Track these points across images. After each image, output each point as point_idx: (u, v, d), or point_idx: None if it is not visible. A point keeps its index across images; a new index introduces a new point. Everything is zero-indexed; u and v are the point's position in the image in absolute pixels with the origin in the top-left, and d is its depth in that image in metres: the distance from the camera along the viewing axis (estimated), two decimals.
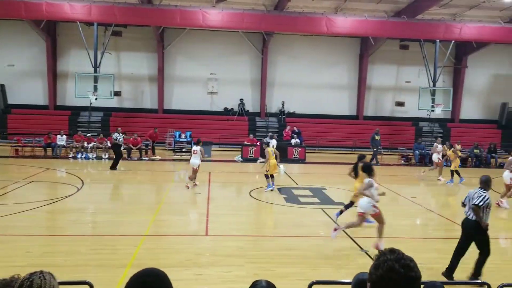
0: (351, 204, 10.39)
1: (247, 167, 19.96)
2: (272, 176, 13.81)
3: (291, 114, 26.57)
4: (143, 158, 20.86)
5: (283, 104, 26.14)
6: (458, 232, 10.25)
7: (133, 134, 21.34)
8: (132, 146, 20.96)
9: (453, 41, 23.77)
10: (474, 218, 6.91)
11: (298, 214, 11.32)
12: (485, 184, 7.11)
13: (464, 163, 22.24)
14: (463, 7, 21.12)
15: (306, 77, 26.64)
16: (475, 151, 22.21)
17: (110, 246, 8.15)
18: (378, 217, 8.24)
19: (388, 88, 27.49)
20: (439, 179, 17.59)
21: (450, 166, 18.07)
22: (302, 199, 12.96)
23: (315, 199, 13.02)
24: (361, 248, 8.33)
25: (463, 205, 7.21)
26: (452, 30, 20.18)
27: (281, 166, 20.36)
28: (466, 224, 7.09)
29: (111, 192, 14.35)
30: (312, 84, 26.65)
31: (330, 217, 10.83)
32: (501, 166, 21.93)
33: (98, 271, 6.99)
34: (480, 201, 6.82)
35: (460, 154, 22.04)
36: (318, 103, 26.66)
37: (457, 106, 26.96)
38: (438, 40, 23.44)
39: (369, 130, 25.09)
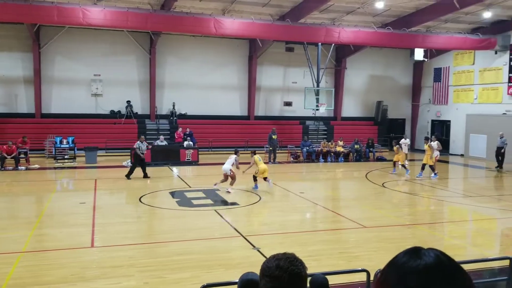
0: None
1: (137, 172, 19.21)
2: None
3: (183, 116, 26.21)
4: (19, 167, 19.04)
5: (173, 106, 25.67)
6: (342, 223, 10.94)
7: (7, 142, 19.40)
8: (5, 155, 19.03)
9: (333, 44, 25.31)
10: None
11: (191, 217, 11.16)
12: None
13: (346, 158, 23.83)
14: (341, 12, 22.57)
15: (197, 77, 26.48)
16: (356, 146, 23.89)
17: None
18: None
19: (276, 88, 28.43)
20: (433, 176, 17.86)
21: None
22: (195, 202, 12.81)
23: (209, 201, 12.96)
24: (253, 246, 8.44)
25: None
26: (332, 34, 21.44)
27: (174, 169, 20.00)
28: None
29: None
30: (203, 85, 26.56)
31: (223, 218, 10.84)
32: (378, 159, 23.97)
33: None
34: None
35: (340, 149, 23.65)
36: (210, 104, 26.65)
37: (339, 105, 28.79)
38: (320, 43, 24.77)
39: (260, 130, 25.71)
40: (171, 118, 25.61)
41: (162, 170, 19.39)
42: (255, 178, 14.62)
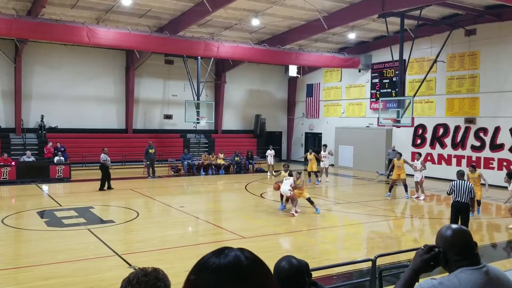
0: None
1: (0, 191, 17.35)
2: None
3: (53, 129, 24.29)
4: None
5: (42, 118, 23.68)
6: (222, 235, 11.01)
7: None
8: None
9: (212, 58, 25.65)
10: (466, 201, 9.56)
11: (61, 238, 10.33)
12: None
13: (227, 170, 24.18)
14: (219, 27, 22.99)
15: (69, 89, 24.80)
16: (236, 158, 24.38)
17: None
18: None
19: (156, 101, 27.87)
20: (418, 197, 16.40)
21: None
22: (66, 221, 11.90)
23: (81, 220, 12.13)
24: (130, 265, 8.08)
25: (450, 193, 9.90)
26: (211, 48, 21.72)
27: (43, 187, 18.43)
28: (460, 206, 9.63)
29: None
30: (76, 97, 24.96)
31: (97, 237, 10.22)
32: (257, 171, 24.71)
33: None
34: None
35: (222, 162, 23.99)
36: (84, 117, 25.10)
37: (219, 118, 29.18)
38: (199, 57, 24.92)
39: (139, 144, 24.87)
40: (40, 132, 23.62)
41: (29, 188, 17.75)
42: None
